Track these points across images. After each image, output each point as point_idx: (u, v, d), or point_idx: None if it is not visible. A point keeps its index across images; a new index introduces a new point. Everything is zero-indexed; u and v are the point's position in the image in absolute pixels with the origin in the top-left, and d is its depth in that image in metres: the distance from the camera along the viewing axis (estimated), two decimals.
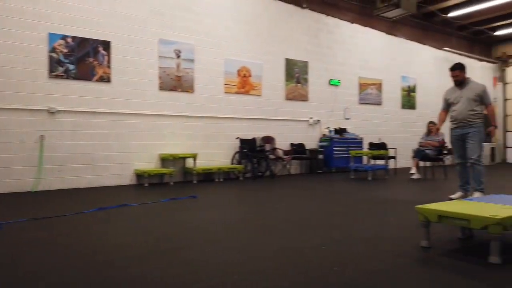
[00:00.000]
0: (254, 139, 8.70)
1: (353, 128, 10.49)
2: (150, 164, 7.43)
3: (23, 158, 6.20)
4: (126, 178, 7.16)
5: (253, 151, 8.39)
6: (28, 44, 6.25)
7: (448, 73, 5.27)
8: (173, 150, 7.69)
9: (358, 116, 10.82)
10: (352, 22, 10.71)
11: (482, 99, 4.88)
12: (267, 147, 8.77)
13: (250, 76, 8.81)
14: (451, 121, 5.12)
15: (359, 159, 9.34)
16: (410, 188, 6.62)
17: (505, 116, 15.10)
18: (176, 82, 7.78)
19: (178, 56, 7.81)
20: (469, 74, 5.21)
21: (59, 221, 3.80)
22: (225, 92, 8.44)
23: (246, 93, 8.76)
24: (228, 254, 2.69)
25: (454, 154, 5.16)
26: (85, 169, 6.74)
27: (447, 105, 5.15)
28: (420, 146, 8.36)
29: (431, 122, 8.43)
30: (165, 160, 7.48)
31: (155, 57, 7.52)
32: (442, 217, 2.72)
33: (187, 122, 7.92)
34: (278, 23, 9.26)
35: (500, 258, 2.43)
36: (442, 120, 5.22)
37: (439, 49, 13.00)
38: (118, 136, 7.11)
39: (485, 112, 4.97)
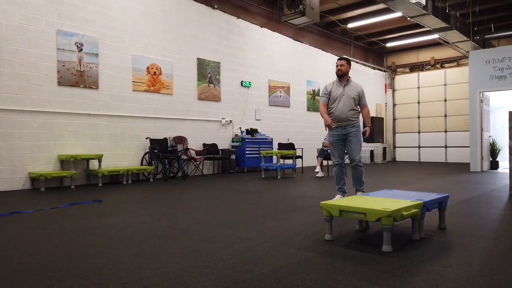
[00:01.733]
0: (165, 139, 8.45)
1: (264, 129, 10.85)
2: (47, 166, 6.75)
3: None
4: (18, 182, 6.40)
5: (164, 151, 8.15)
6: None
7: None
8: (75, 150, 7.09)
9: (268, 117, 11.22)
10: (262, 26, 11.06)
11: (360, 98, 4.81)
12: (179, 147, 8.60)
13: (160, 74, 8.55)
14: (331, 119, 4.76)
15: (269, 158, 9.68)
16: (316, 186, 7.07)
17: (394, 119, 17.00)
18: (78, 78, 7.19)
19: (80, 50, 7.23)
20: (364, 80, 5.74)
21: None
22: (133, 90, 8.06)
23: (157, 91, 8.48)
24: (137, 259, 2.58)
25: (333, 155, 4.90)
26: None
27: (329, 98, 4.80)
28: (324, 146, 8.97)
29: None
30: (65, 161, 6.86)
31: (52, 49, 6.85)
32: (343, 211, 2.96)
33: (91, 120, 7.37)
34: (189, 22, 9.14)
35: (391, 247, 2.74)
36: (326, 112, 4.76)
37: (338, 56, 14.10)
38: (7, 135, 6.32)
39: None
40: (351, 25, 13.01)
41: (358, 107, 4.88)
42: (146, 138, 8.19)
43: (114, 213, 4.27)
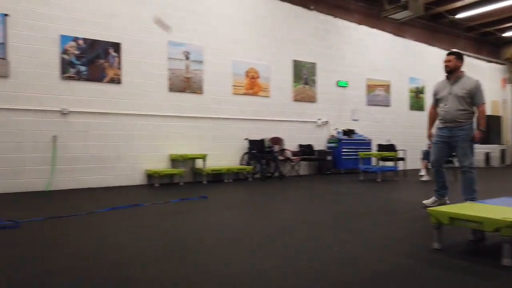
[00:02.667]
0: (262, 140, 8.73)
1: (362, 129, 10.49)
2: (160, 164, 7.50)
3: (36, 158, 6.30)
4: (136, 178, 7.24)
5: (261, 152, 8.43)
6: (40, 46, 6.35)
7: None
8: (183, 150, 7.75)
9: (366, 117, 10.81)
10: (360, 24, 10.71)
11: (473, 96, 4.25)
12: (276, 148, 8.81)
13: (258, 77, 8.86)
14: (438, 119, 4.55)
15: (368, 160, 9.33)
16: (420, 190, 6.61)
17: None
18: (185, 84, 7.85)
19: (187, 58, 7.88)
20: (477, 75, 5.16)
21: (73, 221, 3.87)
22: (233, 93, 8.49)
23: (255, 94, 8.80)
24: (241, 254, 2.73)
25: (432, 156, 4.62)
26: (96, 169, 6.82)
27: (436, 101, 4.60)
28: (429, 147, 8.32)
29: None
30: (175, 160, 7.55)
31: (164, 59, 7.59)
32: (454, 219, 2.73)
33: (196, 123, 7.98)
34: (285, 25, 9.29)
35: None
36: (432, 119, 4.64)
37: (447, 50, 12.91)
38: (128, 137, 7.18)
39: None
40: (460, 16, 11.83)
41: (473, 107, 4.31)
42: (245, 139, 8.56)
43: (218, 209, 4.57)
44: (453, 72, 4.41)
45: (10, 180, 6.09)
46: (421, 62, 12.29)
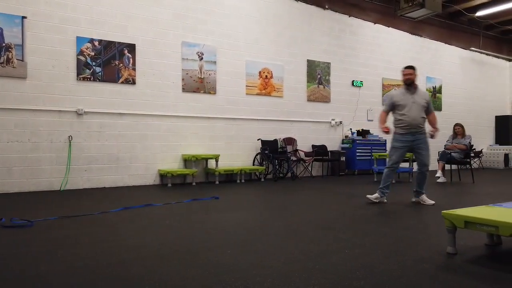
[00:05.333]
0: (275, 141, 8.71)
1: (377, 130, 10.35)
2: (173, 164, 7.56)
3: (52, 158, 6.42)
4: (149, 178, 7.31)
5: (274, 152, 8.40)
6: (57, 47, 6.47)
7: (475, 74, 5.16)
8: (195, 151, 7.79)
9: None
10: (375, 23, 10.57)
11: (429, 106, 5.02)
12: (289, 148, 8.77)
13: (271, 77, 8.83)
14: (400, 126, 4.96)
15: (382, 161, 9.20)
16: (436, 192, 6.48)
17: None
18: (198, 84, 7.88)
19: (201, 58, 7.91)
20: (497, 74, 5.09)
21: (87, 220, 3.92)
22: (247, 94, 8.49)
23: (268, 94, 8.78)
24: (250, 256, 2.71)
25: (391, 158, 5.05)
26: (110, 169, 6.91)
27: (392, 107, 5.06)
28: (446, 148, 8.16)
29: (457, 125, 8.22)
30: (187, 160, 7.59)
31: (178, 59, 7.64)
32: (469, 223, 2.66)
33: (209, 123, 8.00)
34: (299, 24, 9.24)
35: None
36: (384, 121, 5.05)
37: (465, 49, 12.65)
38: (142, 137, 7.26)
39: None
40: (480, 13, 11.55)
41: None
42: (258, 140, 8.55)
43: (230, 210, 4.57)
44: (412, 83, 5.02)
45: (27, 180, 6.22)
46: (438, 61, 12.06)
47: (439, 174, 8.08)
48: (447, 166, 8.27)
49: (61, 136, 6.50)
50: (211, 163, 7.90)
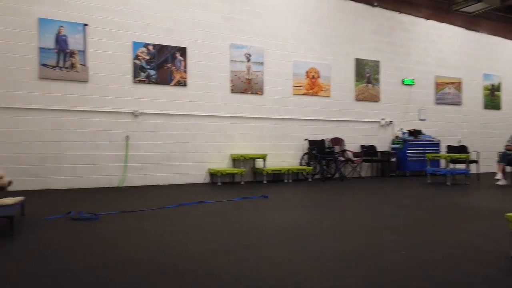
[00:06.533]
0: (323, 141, 8.63)
1: (429, 130, 9.95)
2: (221, 163, 7.74)
3: (111, 156, 6.82)
4: (199, 176, 7.53)
5: (322, 152, 8.33)
6: (115, 52, 6.86)
7: None
8: (243, 150, 7.92)
9: (435, 117, 10.23)
10: (428, 19, 10.16)
11: None
12: (336, 148, 8.66)
13: (318, 77, 8.77)
14: None
15: (436, 162, 8.83)
16: (496, 195, 6.11)
17: None
18: (246, 85, 8.00)
19: (249, 60, 8.03)
20: None
21: (145, 215, 4.14)
22: (294, 94, 8.50)
23: (315, 94, 8.73)
24: (303, 254, 2.73)
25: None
26: (163, 168, 7.21)
27: None
28: (507, 149, 7.67)
29: None
30: (236, 160, 7.73)
31: (226, 61, 7.81)
32: None
33: (257, 123, 8.10)
34: (347, 23, 9.10)
35: None
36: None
37: None
38: (192, 137, 7.50)
39: None
40: None
41: None
42: (305, 140, 8.53)
43: (279, 209, 4.61)
44: None
45: (89, 177, 6.65)
46: (497, 57, 11.34)
47: (499, 176, 7.60)
48: (508, 168, 7.76)
49: (118, 136, 6.88)
50: (259, 163, 7.99)
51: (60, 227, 3.51)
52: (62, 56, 6.48)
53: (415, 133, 9.53)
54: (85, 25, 6.65)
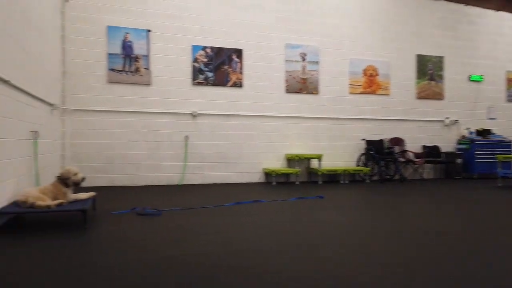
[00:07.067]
0: (381, 141, 8.34)
1: (500, 129, 9.22)
2: (276, 163, 7.77)
3: (172, 155, 7.13)
4: (255, 176, 7.62)
5: (380, 153, 8.05)
6: (175, 56, 7.16)
7: None
8: (298, 150, 7.88)
9: (506, 116, 9.46)
10: (498, 10, 9.42)
11: None
12: (396, 149, 8.32)
13: (377, 75, 8.49)
14: None
15: (508, 164, 8.16)
16: None
17: None
18: (301, 85, 7.96)
19: (304, 59, 7.98)
20: None
21: (205, 212, 4.27)
22: (350, 93, 8.30)
23: (373, 92, 8.46)
24: (360, 255, 2.66)
25: None
26: (219, 167, 7.40)
27: None
28: None
29: None
30: (290, 160, 7.72)
31: (281, 61, 7.83)
32: None
33: (312, 123, 8.03)
34: (407, 18, 8.71)
35: None
36: None
37: None
38: (248, 137, 7.61)
39: None
40: None
41: None
42: (362, 140, 8.29)
43: (336, 210, 4.53)
44: None
45: (151, 175, 7.01)
46: None
47: None
48: None
49: (178, 136, 7.17)
50: (314, 163, 7.91)
51: (127, 221, 3.74)
52: (128, 61, 6.90)
53: (483, 132, 8.88)
54: (149, 31, 7.01)
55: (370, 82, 8.46)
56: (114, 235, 3.21)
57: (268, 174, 7.55)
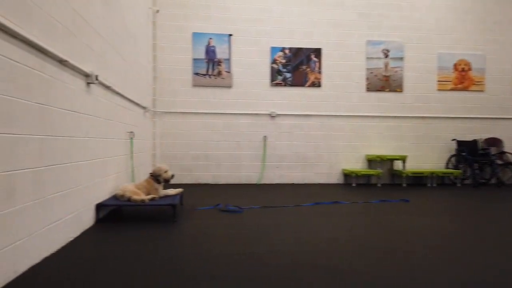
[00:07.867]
0: (475, 141, 7.63)
1: None
2: (356, 164, 7.54)
3: (251, 155, 7.33)
4: (333, 177, 7.49)
5: (474, 154, 7.38)
6: (255, 58, 7.34)
7: None
8: (379, 151, 7.57)
9: None
10: None
11: None
12: (493, 150, 7.55)
13: (469, 69, 7.79)
14: None
15: None
16: None
17: None
18: (384, 82, 7.63)
19: (386, 56, 7.64)
20: None
21: (284, 211, 4.33)
22: (438, 90, 7.74)
23: (465, 89, 7.78)
24: (449, 263, 2.48)
25: None
26: (298, 167, 7.41)
27: None
28: None
29: None
30: (371, 161, 7.44)
31: (362, 59, 7.58)
32: None
33: (395, 122, 7.65)
34: (505, 6, 7.84)
35: None
36: None
37: None
38: (327, 137, 7.51)
39: None
40: None
41: None
42: (452, 140, 7.68)
43: (422, 215, 4.27)
44: None
45: (232, 173, 7.28)
46: None
47: None
48: None
49: (257, 136, 7.35)
50: (397, 164, 7.53)
51: (211, 217, 3.95)
52: (211, 65, 7.25)
53: None
54: (230, 35, 7.29)
55: (462, 78, 7.79)
56: (200, 229, 3.41)
57: (347, 175, 7.37)
